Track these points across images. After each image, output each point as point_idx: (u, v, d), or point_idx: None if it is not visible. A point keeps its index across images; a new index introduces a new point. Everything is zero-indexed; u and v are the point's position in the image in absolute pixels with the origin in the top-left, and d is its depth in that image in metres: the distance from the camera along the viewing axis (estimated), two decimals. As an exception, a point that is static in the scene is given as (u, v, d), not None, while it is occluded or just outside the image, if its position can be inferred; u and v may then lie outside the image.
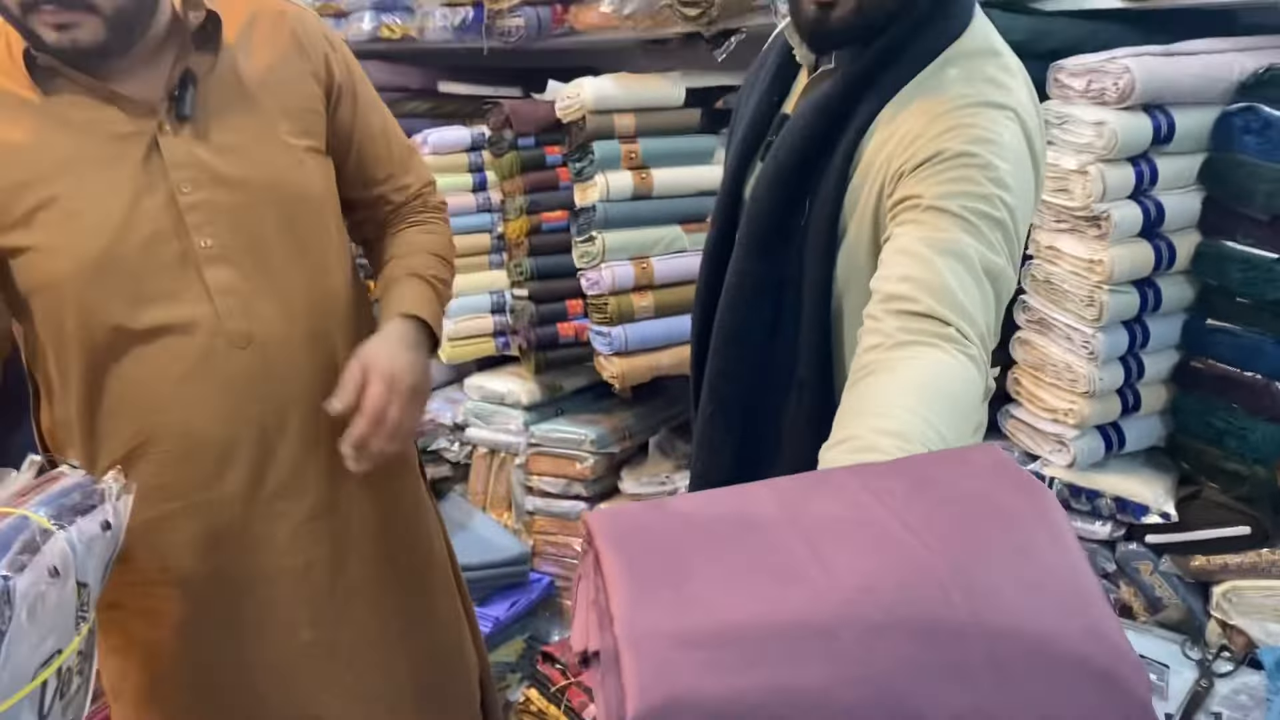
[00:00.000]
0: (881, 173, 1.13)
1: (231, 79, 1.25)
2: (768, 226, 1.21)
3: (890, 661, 0.55)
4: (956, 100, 1.10)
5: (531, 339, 2.61)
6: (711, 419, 1.30)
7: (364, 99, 1.40)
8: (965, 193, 1.05)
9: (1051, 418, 1.95)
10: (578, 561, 2.61)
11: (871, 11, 1.13)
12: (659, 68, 2.64)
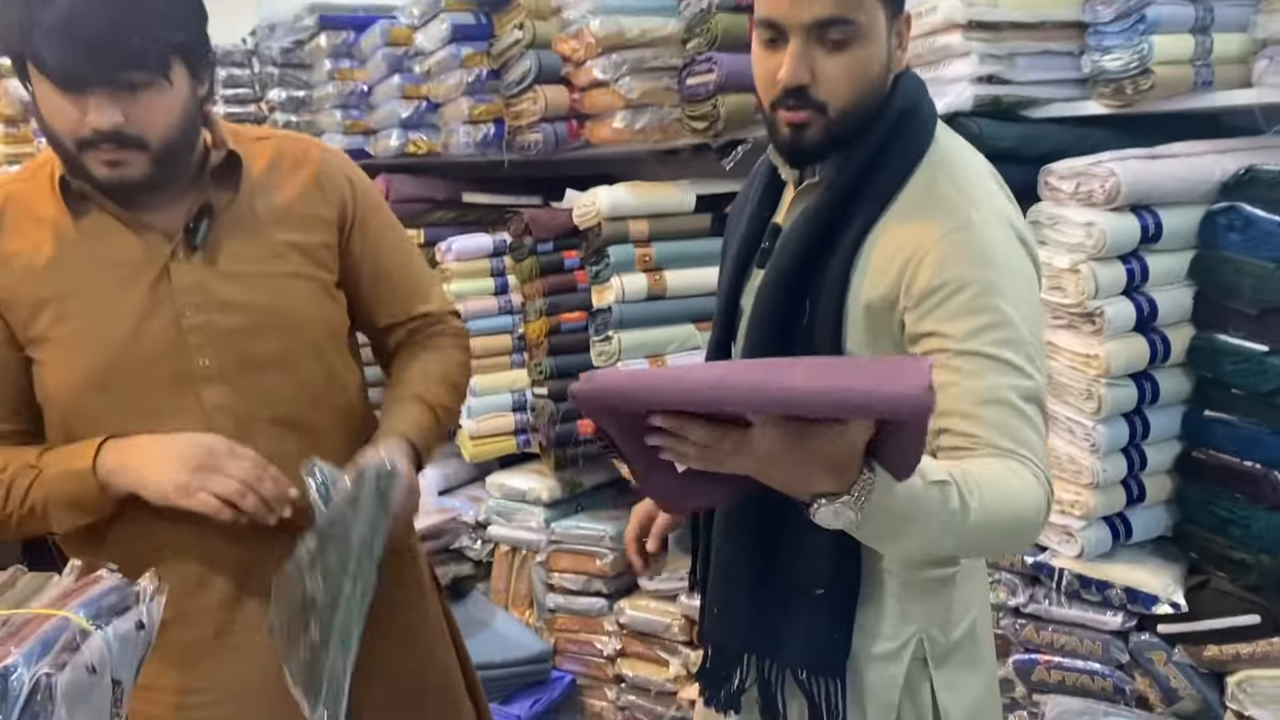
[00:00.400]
0: (892, 286, 1.18)
1: (248, 213, 1.34)
2: (771, 328, 1.27)
3: (747, 375, 0.91)
4: (951, 220, 1.16)
5: (551, 436, 2.68)
6: (729, 510, 1.33)
7: (380, 235, 1.45)
8: (987, 326, 1.12)
9: (1059, 509, 1.98)
10: (599, 660, 2.64)
11: (840, 130, 1.21)
12: (671, 176, 2.77)
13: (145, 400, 1.29)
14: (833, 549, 1.22)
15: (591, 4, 2.49)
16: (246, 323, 1.32)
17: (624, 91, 2.49)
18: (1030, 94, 2.06)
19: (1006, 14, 2.00)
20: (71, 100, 1.18)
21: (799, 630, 1.27)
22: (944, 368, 1.11)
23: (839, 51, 1.17)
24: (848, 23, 1.15)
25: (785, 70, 1.18)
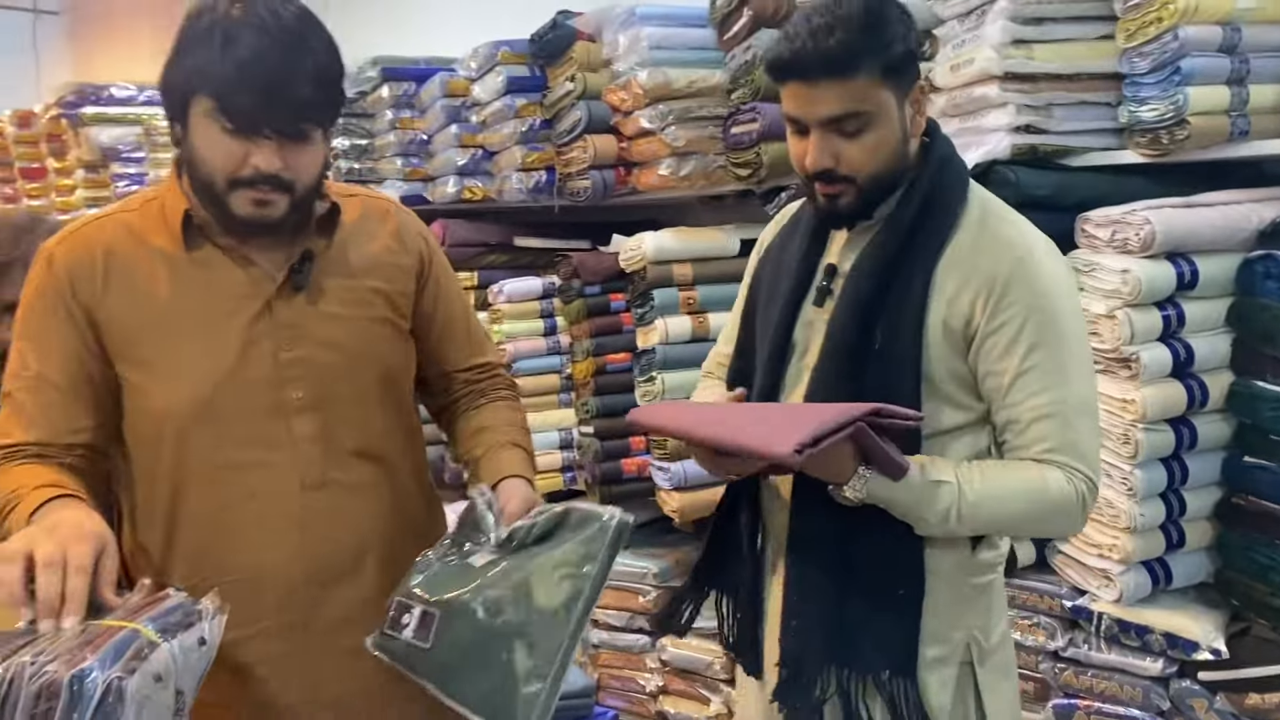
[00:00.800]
0: (967, 311, 1.35)
1: (341, 260, 1.43)
2: (846, 354, 1.38)
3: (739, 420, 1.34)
4: (1014, 254, 1.35)
5: (596, 474, 2.74)
6: (802, 523, 1.42)
7: (446, 288, 1.55)
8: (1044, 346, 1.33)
9: (1097, 553, 1.99)
10: (642, 696, 2.67)
11: (871, 194, 1.38)
12: (716, 221, 2.84)
13: (241, 427, 1.35)
14: (905, 553, 1.37)
15: (640, 56, 2.58)
16: (337, 360, 1.40)
17: (670, 140, 2.57)
18: (1067, 143, 2.10)
19: (1042, 66, 2.05)
20: (239, 141, 1.26)
21: (875, 636, 1.37)
22: (1009, 387, 1.34)
23: (856, 138, 1.33)
24: (858, 115, 1.31)
25: (810, 159, 1.35)
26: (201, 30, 1.25)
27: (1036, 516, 1.35)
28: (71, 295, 1.34)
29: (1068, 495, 1.32)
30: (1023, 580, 2.12)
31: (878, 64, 1.30)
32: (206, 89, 1.24)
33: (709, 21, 2.60)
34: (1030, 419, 1.33)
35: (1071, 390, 1.33)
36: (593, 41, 2.79)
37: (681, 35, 2.60)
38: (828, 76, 1.30)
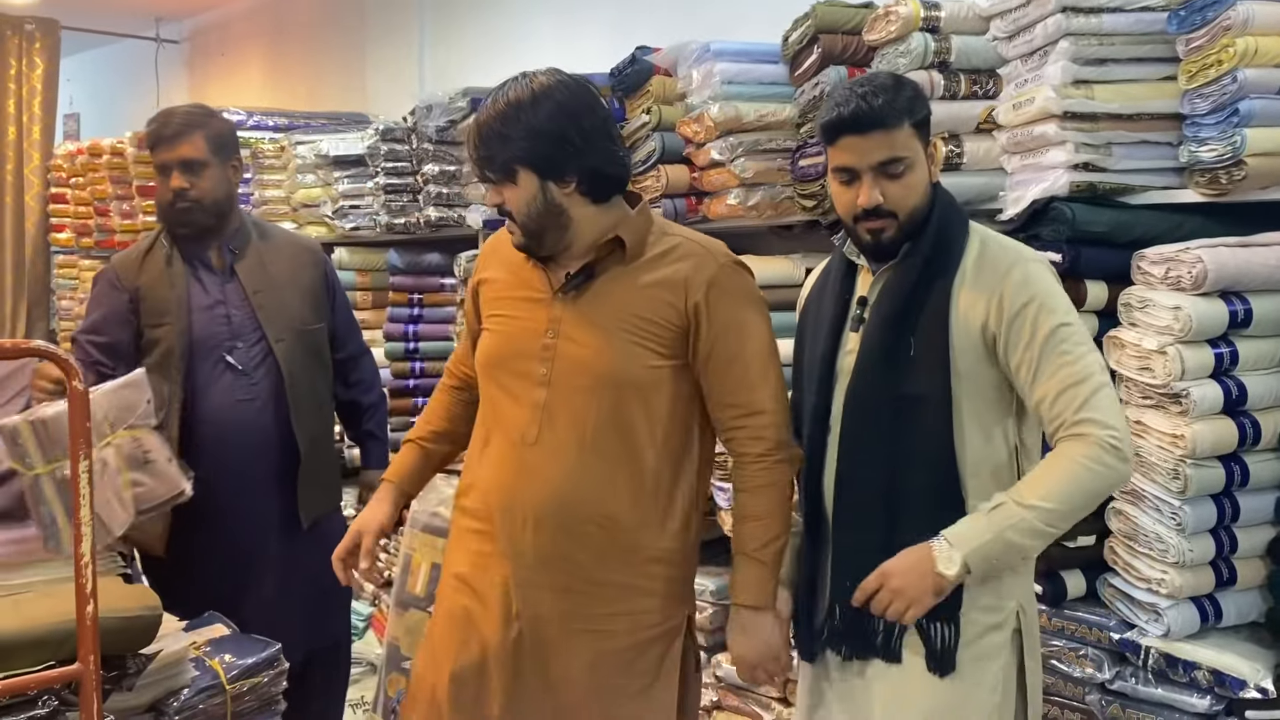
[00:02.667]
0: (983, 315, 1.65)
1: (620, 282, 1.78)
2: (881, 356, 1.69)
3: None
4: (1009, 266, 1.66)
5: (659, 493, 2.83)
6: (851, 504, 1.72)
7: (727, 332, 1.76)
8: (1053, 332, 1.61)
9: (1145, 587, 2.01)
10: (699, 712, 2.73)
11: (909, 227, 1.70)
12: (786, 250, 2.92)
13: (505, 380, 1.82)
14: (947, 518, 1.62)
15: (712, 90, 2.69)
16: (579, 354, 1.76)
17: (739, 171, 2.67)
18: (1127, 181, 2.14)
19: (1103, 106, 2.09)
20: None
21: None
22: (1036, 372, 1.61)
23: (899, 179, 1.66)
24: (901, 160, 1.65)
25: (864, 198, 1.67)
26: None
27: (1090, 489, 1.58)
28: (477, 276, 1.95)
29: (1098, 457, 1.55)
30: (1072, 611, 2.14)
31: (910, 119, 1.66)
32: None
33: (780, 58, 2.69)
34: (1056, 392, 1.59)
35: (1082, 365, 1.59)
36: (669, 76, 2.91)
37: (753, 71, 2.70)
38: (877, 128, 1.64)
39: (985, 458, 1.66)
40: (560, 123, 1.71)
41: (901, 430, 1.67)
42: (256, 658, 2.14)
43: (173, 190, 2.46)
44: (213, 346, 2.46)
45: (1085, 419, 1.57)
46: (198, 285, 2.49)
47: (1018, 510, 1.56)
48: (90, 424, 1.35)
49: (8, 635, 1.45)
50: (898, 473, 1.68)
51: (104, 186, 5.49)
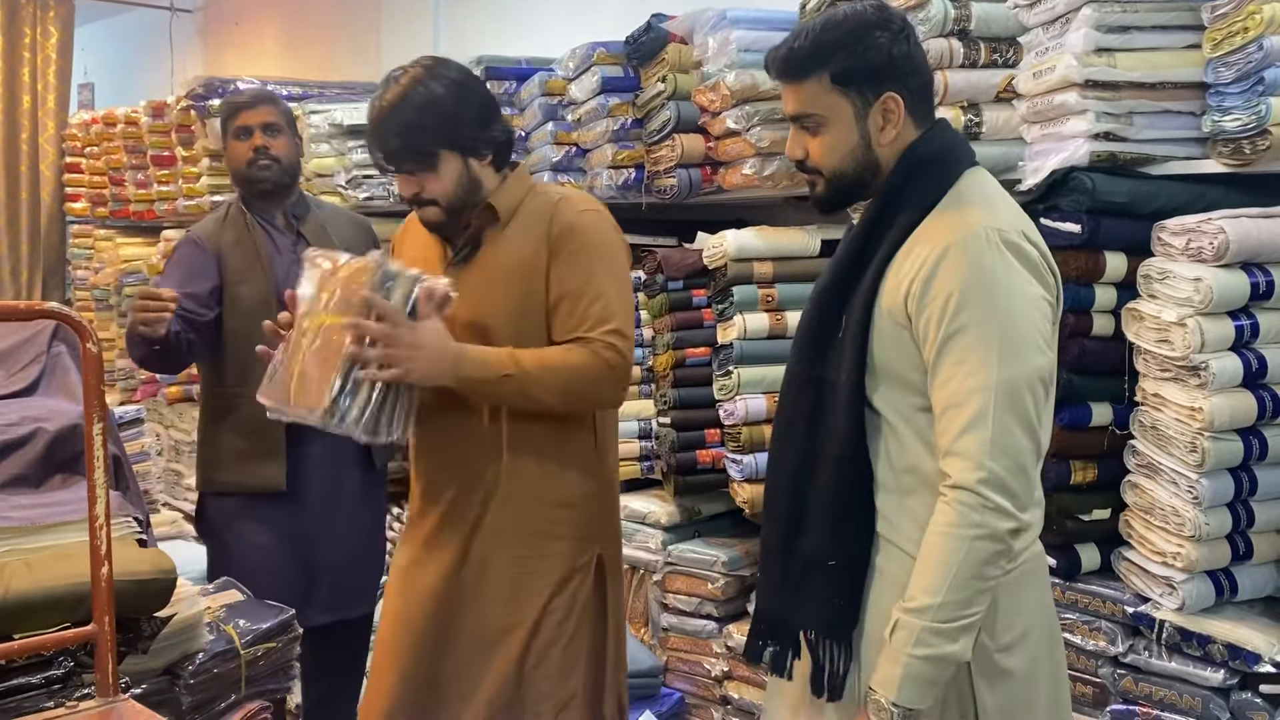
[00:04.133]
0: (902, 296, 1.44)
1: (498, 243, 1.87)
2: (811, 336, 1.56)
3: None
4: (946, 240, 1.41)
5: (672, 464, 2.83)
6: (770, 491, 1.59)
7: (573, 270, 1.82)
8: (958, 332, 1.39)
9: (1161, 560, 2.00)
10: (708, 680, 2.75)
11: (841, 186, 1.54)
12: (803, 221, 2.90)
13: None
14: (845, 530, 1.48)
15: (728, 58, 2.66)
16: (472, 317, 1.84)
17: (754, 140, 2.65)
18: (1148, 151, 2.11)
19: (1125, 74, 2.06)
20: (396, 178, 1.88)
21: (812, 596, 1.48)
22: (932, 375, 1.41)
23: (814, 135, 1.52)
24: (810, 115, 1.50)
25: (787, 148, 1.57)
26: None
27: (972, 561, 1.36)
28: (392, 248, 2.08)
29: (964, 520, 1.35)
30: (1086, 585, 2.13)
31: (825, 72, 1.47)
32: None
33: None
34: (943, 406, 1.39)
35: (972, 380, 1.36)
36: (684, 44, 2.88)
37: (770, 39, 2.66)
38: (783, 79, 1.52)
39: (908, 458, 1.45)
40: (470, 100, 1.83)
41: (819, 420, 1.51)
42: (271, 623, 2.16)
43: (254, 148, 2.71)
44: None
45: (951, 456, 1.37)
46: (272, 245, 2.71)
47: (909, 622, 1.37)
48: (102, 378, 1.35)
49: (22, 596, 1.46)
50: (804, 468, 1.51)
51: (118, 156, 5.48)
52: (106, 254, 5.53)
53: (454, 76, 1.83)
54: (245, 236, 2.70)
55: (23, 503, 1.92)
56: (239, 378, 2.59)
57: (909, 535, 1.45)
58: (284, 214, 2.74)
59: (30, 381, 2.35)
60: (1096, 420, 2.10)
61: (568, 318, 1.81)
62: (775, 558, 1.55)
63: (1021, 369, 1.38)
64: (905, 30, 1.50)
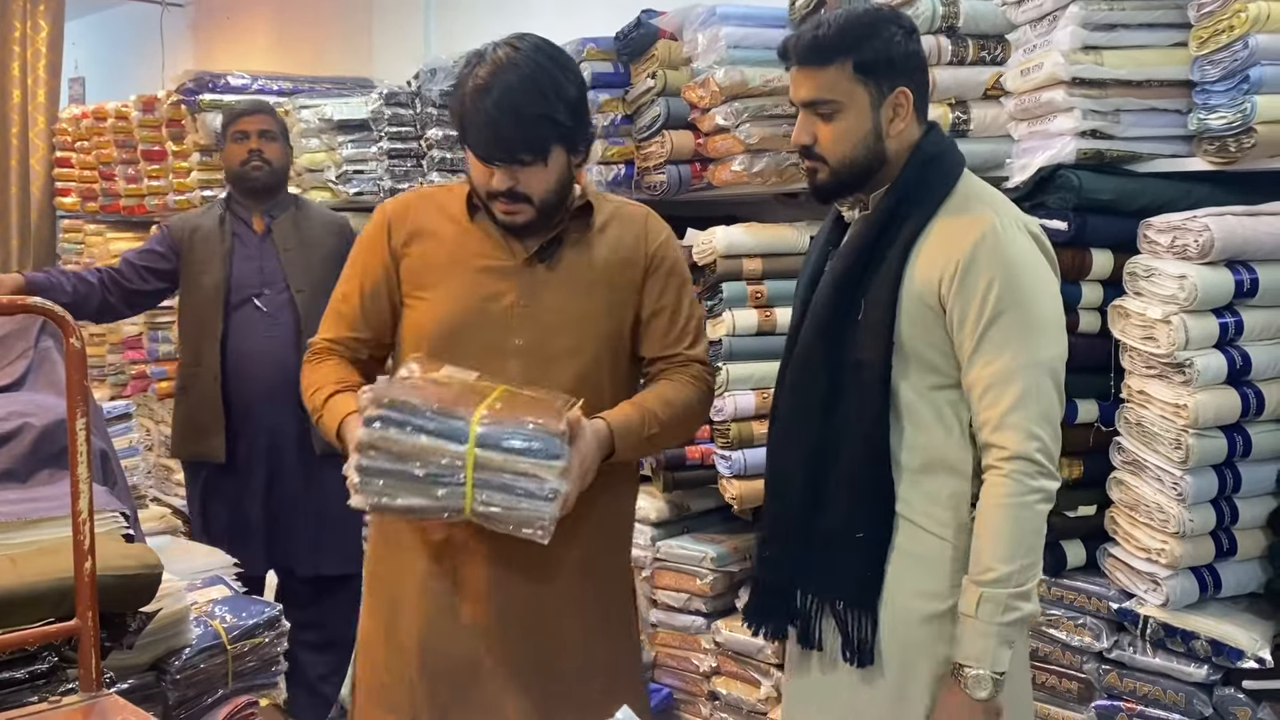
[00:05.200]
0: (937, 278, 1.53)
1: (587, 249, 1.77)
2: (828, 318, 1.61)
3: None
4: (979, 229, 1.53)
5: (661, 460, 2.83)
6: (780, 472, 1.67)
7: (670, 286, 1.80)
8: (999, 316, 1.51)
9: (1145, 557, 2.01)
10: (696, 676, 2.76)
11: (846, 176, 1.60)
12: (793, 218, 2.90)
13: (468, 352, 1.71)
14: (871, 505, 1.56)
15: (718, 55, 2.66)
16: (556, 321, 1.74)
17: (743, 137, 2.65)
18: (1134, 149, 2.11)
19: (1111, 72, 2.07)
20: (484, 168, 1.69)
21: (841, 567, 1.59)
22: (972, 353, 1.51)
23: (829, 121, 1.57)
24: (828, 102, 1.56)
25: (793, 135, 1.63)
26: (459, 89, 1.70)
27: (1036, 525, 1.51)
28: (387, 239, 1.79)
29: (1023, 489, 1.48)
30: (1070, 581, 2.14)
31: (849, 60, 1.54)
32: (464, 135, 1.72)
33: (787, 22, 2.67)
34: (985, 384, 1.51)
35: (1017, 360, 1.49)
36: (674, 40, 2.88)
37: (759, 35, 2.67)
38: (805, 64, 1.57)
39: (927, 438, 1.56)
40: (583, 93, 1.72)
41: (836, 401, 1.59)
42: (258, 618, 2.16)
43: (249, 150, 3.09)
44: (246, 293, 3.04)
45: (1003, 429, 1.48)
46: (239, 242, 3.08)
47: (993, 594, 1.47)
48: (87, 380, 1.35)
49: (6, 591, 1.46)
50: (824, 447, 1.59)
51: (109, 151, 5.46)
52: (97, 249, 5.50)
53: (565, 59, 1.70)
54: (215, 231, 3.08)
55: (9, 498, 1.92)
56: (193, 358, 3.09)
57: (925, 511, 1.56)
58: (259, 216, 3.11)
59: (17, 376, 2.35)
60: (1082, 417, 2.10)
61: (665, 334, 1.79)
62: (791, 536, 1.62)
63: (1054, 349, 1.53)
64: (915, 31, 1.62)
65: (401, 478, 1.50)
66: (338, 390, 1.75)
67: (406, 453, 1.49)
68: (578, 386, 1.71)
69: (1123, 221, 2.06)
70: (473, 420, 1.49)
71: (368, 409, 1.52)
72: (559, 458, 1.50)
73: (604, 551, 1.84)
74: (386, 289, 1.80)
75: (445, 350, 1.70)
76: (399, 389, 1.52)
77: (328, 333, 1.84)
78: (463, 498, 1.49)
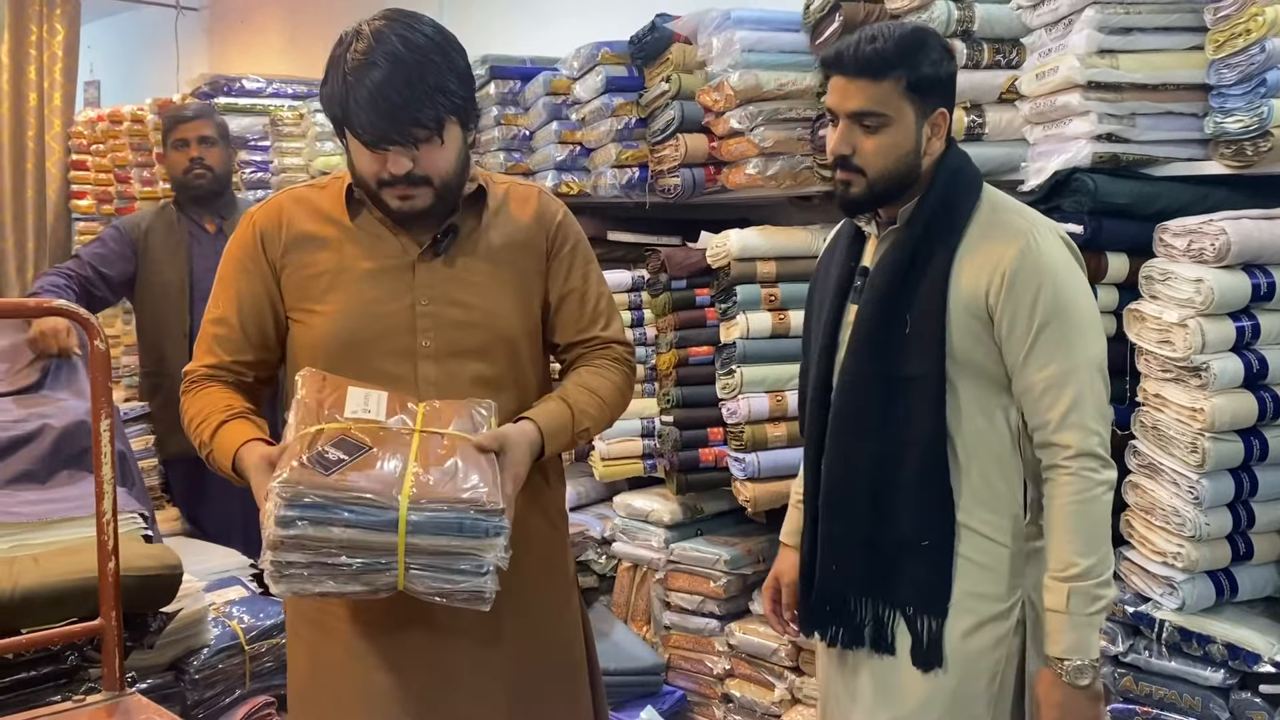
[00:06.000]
0: (983, 288, 1.57)
1: (483, 236, 1.64)
2: (875, 335, 1.62)
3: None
4: (1020, 239, 1.57)
5: (674, 462, 2.84)
6: (838, 488, 1.67)
7: (576, 266, 1.69)
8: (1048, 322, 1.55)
9: (1161, 560, 2.00)
10: (709, 678, 2.76)
11: (880, 189, 1.61)
12: (806, 221, 2.90)
13: (374, 365, 1.57)
14: (934, 512, 1.60)
15: (733, 59, 2.67)
16: (463, 318, 1.60)
17: (758, 141, 2.65)
18: (1150, 153, 2.11)
19: (1127, 75, 2.06)
20: (374, 156, 1.51)
21: (909, 575, 1.62)
22: (1024, 359, 1.55)
23: (872, 134, 1.58)
24: (878, 115, 1.57)
25: (831, 145, 1.62)
26: (334, 71, 1.51)
27: (1103, 515, 1.55)
28: (262, 251, 1.62)
29: (1089, 483, 1.53)
30: (1086, 584, 2.14)
31: (904, 76, 1.56)
32: (344, 121, 1.51)
33: (801, 26, 2.67)
34: (1042, 388, 1.55)
35: (1071, 361, 1.54)
36: (688, 44, 2.89)
37: (774, 39, 2.68)
38: (860, 75, 1.57)
39: (982, 445, 1.60)
40: (468, 63, 1.57)
41: (892, 414, 1.61)
42: (275, 619, 2.17)
43: (190, 159, 3.13)
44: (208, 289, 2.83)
45: (1065, 429, 1.53)
46: (195, 242, 3.13)
47: (1080, 588, 1.52)
48: (111, 382, 1.36)
49: (30, 591, 1.48)
50: (885, 460, 1.62)
51: (124, 153, 5.49)
52: (112, 251, 5.53)
53: (446, 31, 1.56)
54: (172, 231, 3.13)
55: (30, 498, 1.94)
56: (155, 359, 3.13)
57: (983, 519, 1.60)
58: (211, 218, 3.17)
59: (36, 379, 2.37)
60: (1098, 420, 2.10)
61: (577, 317, 1.69)
62: (854, 548, 1.65)
63: (1098, 346, 1.58)
64: (953, 55, 1.65)
65: (326, 568, 1.33)
66: (226, 419, 1.55)
67: (330, 546, 1.32)
68: (496, 383, 1.61)
69: (1138, 225, 2.05)
70: (400, 504, 1.33)
71: (280, 507, 1.31)
72: (499, 534, 1.36)
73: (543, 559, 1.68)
74: (270, 307, 1.63)
75: (347, 367, 1.56)
76: (308, 475, 1.32)
77: (206, 359, 1.63)
78: (394, 579, 1.35)
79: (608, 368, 1.69)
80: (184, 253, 3.09)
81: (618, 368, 1.70)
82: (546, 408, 1.61)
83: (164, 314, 3.09)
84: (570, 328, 1.70)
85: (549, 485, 1.71)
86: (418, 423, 1.46)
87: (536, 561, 1.62)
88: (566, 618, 1.75)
